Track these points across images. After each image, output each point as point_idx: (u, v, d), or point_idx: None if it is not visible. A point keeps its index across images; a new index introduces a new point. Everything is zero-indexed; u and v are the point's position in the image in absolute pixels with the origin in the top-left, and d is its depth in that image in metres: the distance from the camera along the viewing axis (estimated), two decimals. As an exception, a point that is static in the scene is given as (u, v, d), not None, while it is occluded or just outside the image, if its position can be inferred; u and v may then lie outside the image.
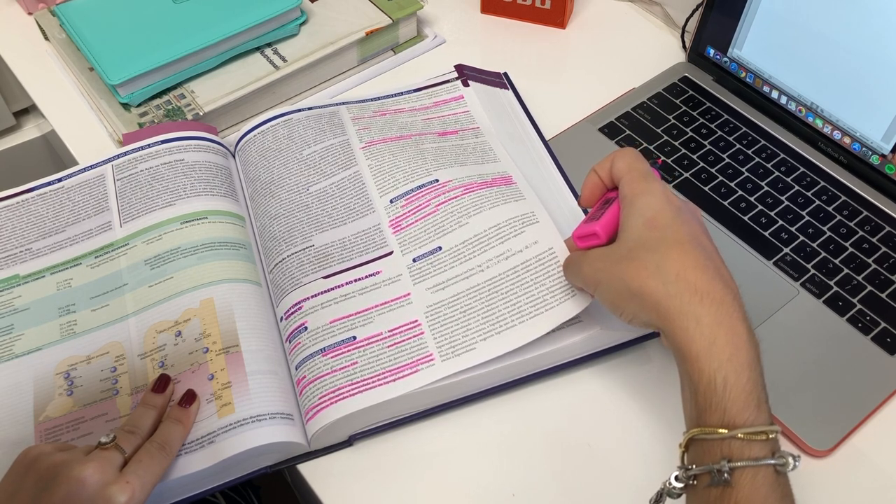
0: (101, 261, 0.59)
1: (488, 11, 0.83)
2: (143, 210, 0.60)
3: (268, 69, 0.72)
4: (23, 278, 0.59)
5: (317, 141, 0.65)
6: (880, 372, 0.55)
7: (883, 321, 0.57)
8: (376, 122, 0.66)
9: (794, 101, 0.68)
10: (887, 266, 0.60)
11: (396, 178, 0.61)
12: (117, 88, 0.68)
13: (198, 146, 0.64)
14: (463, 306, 0.54)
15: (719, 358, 0.41)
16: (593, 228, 0.49)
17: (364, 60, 0.77)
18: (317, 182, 0.62)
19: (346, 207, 0.60)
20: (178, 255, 0.57)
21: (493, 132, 0.66)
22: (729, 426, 0.40)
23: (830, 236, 0.62)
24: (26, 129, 0.91)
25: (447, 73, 0.72)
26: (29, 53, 0.79)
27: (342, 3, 0.78)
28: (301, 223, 0.60)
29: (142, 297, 0.56)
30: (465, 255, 0.56)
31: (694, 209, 0.49)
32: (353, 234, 0.59)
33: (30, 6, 0.82)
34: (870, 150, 0.64)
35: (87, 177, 0.64)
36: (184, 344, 0.53)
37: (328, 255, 0.58)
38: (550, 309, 0.52)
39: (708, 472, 0.40)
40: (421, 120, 0.67)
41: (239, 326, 0.53)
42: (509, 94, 0.72)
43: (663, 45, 0.79)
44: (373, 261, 0.57)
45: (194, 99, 0.70)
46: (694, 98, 0.72)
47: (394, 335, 0.53)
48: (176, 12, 0.73)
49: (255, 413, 0.49)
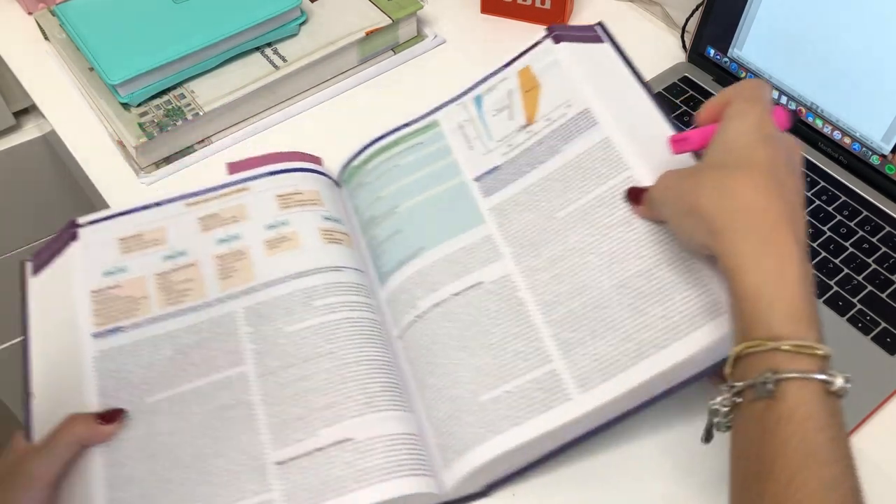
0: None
1: (488, 11, 0.83)
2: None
3: (268, 69, 0.72)
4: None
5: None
6: (880, 372, 0.55)
7: (883, 321, 0.57)
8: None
9: (794, 101, 0.68)
10: (887, 266, 0.60)
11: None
12: (117, 88, 0.68)
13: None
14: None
15: (767, 271, 0.40)
16: (687, 133, 0.48)
17: (364, 60, 0.77)
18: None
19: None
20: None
21: (609, 119, 0.55)
22: (774, 339, 0.39)
23: (830, 236, 0.62)
24: (26, 129, 0.91)
25: (537, 37, 0.63)
26: (29, 53, 0.79)
27: (342, 3, 0.78)
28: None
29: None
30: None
31: (790, 145, 0.46)
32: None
33: (30, 6, 0.82)
34: (870, 150, 0.64)
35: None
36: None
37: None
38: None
39: (752, 386, 0.38)
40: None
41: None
42: (607, 48, 0.61)
43: (663, 45, 0.79)
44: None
45: (194, 99, 0.70)
46: (694, 98, 0.72)
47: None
48: (176, 12, 0.73)
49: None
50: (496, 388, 0.49)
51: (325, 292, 0.55)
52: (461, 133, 0.61)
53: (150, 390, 0.51)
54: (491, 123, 0.60)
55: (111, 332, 0.53)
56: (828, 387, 0.38)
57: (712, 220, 0.42)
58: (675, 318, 0.47)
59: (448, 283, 0.54)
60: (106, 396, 0.50)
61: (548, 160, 0.56)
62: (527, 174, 0.56)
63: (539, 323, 0.50)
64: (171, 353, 0.52)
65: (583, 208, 0.53)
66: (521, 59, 0.62)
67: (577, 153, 0.55)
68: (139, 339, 0.53)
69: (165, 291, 0.55)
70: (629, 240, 0.50)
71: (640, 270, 0.49)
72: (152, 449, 0.49)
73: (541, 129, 0.58)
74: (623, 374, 0.47)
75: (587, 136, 0.55)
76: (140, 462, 0.48)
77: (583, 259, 0.51)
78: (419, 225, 0.58)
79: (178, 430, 0.49)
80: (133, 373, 0.51)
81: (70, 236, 0.59)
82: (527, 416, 0.47)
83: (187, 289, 0.55)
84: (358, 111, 0.75)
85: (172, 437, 0.49)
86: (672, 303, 0.48)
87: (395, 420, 0.50)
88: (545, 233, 0.53)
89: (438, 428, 0.50)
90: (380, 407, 0.50)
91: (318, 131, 0.73)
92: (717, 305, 0.46)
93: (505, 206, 0.56)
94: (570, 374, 0.48)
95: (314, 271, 0.56)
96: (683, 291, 0.48)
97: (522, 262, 0.53)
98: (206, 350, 0.52)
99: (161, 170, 0.70)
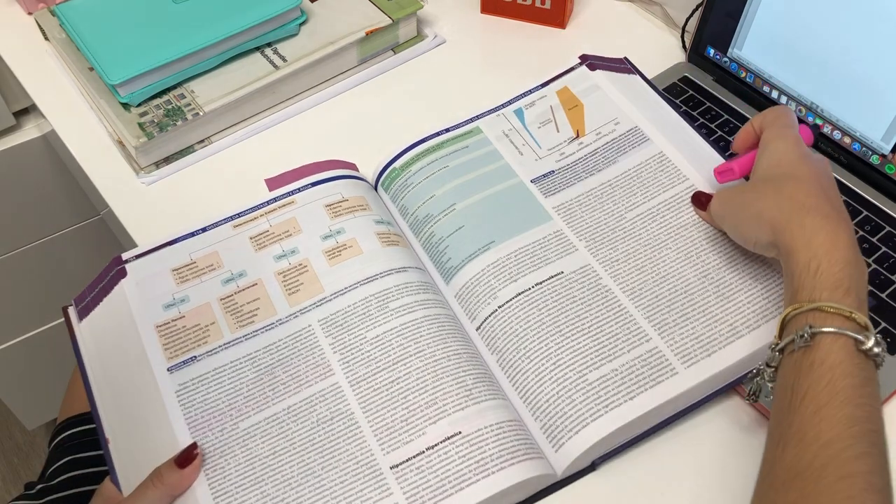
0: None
1: (488, 11, 0.83)
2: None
3: (268, 69, 0.72)
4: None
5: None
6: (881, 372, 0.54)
7: (883, 321, 0.57)
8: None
9: (794, 101, 0.68)
10: (887, 266, 0.60)
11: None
12: (117, 88, 0.68)
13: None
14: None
15: (816, 249, 0.46)
16: (731, 165, 0.57)
17: (364, 60, 0.77)
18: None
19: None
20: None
21: (659, 136, 0.64)
22: (815, 301, 0.44)
23: (830, 236, 0.62)
24: (26, 129, 0.91)
25: (571, 63, 0.70)
26: (29, 53, 0.79)
27: (342, 3, 0.78)
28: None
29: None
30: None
31: (823, 161, 0.54)
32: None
33: (30, 6, 0.82)
34: (870, 150, 0.64)
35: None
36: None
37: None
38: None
39: (792, 340, 0.44)
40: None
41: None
42: (638, 79, 0.69)
43: (663, 45, 0.79)
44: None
45: (194, 99, 0.70)
46: (694, 98, 0.72)
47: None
48: (176, 12, 0.73)
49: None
50: (602, 367, 0.52)
51: (398, 294, 0.55)
52: (508, 140, 0.66)
53: (240, 415, 0.50)
54: (536, 134, 0.66)
55: (186, 364, 0.53)
56: (859, 345, 0.43)
57: (775, 219, 0.49)
58: (760, 303, 0.54)
59: (528, 274, 0.56)
60: (196, 429, 0.50)
61: (605, 168, 0.63)
62: (585, 179, 0.62)
63: (629, 307, 0.55)
64: (253, 374, 0.52)
65: (651, 211, 0.60)
66: (557, 81, 0.69)
67: (635, 164, 0.63)
68: (217, 365, 0.53)
69: (233, 314, 0.55)
70: (701, 238, 0.58)
71: (719, 263, 0.56)
72: (257, 474, 0.48)
73: (591, 141, 0.65)
74: (723, 351, 0.52)
75: (641, 150, 0.63)
76: (248, 489, 0.48)
77: (660, 253, 0.57)
78: (483, 221, 0.60)
79: (280, 450, 0.49)
80: (219, 400, 0.51)
81: (118, 274, 0.57)
82: (639, 391, 0.51)
83: (255, 309, 0.55)
84: (358, 111, 0.75)
85: (276, 457, 0.49)
86: (754, 291, 0.55)
87: (496, 409, 0.51)
88: (617, 230, 0.59)
89: (543, 410, 0.51)
90: (479, 398, 0.51)
91: (318, 131, 0.73)
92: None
93: (570, 206, 0.61)
94: (672, 351, 0.52)
95: (382, 275, 0.56)
96: (763, 281, 0.55)
97: (600, 255, 0.57)
98: (291, 367, 0.52)
99: (161, 170, 0.70)
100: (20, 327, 1.12)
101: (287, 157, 0.69)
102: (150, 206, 0.68)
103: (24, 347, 1.13)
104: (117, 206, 0.68)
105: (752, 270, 0.56)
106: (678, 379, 0.51)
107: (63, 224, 1.03)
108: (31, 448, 1.40)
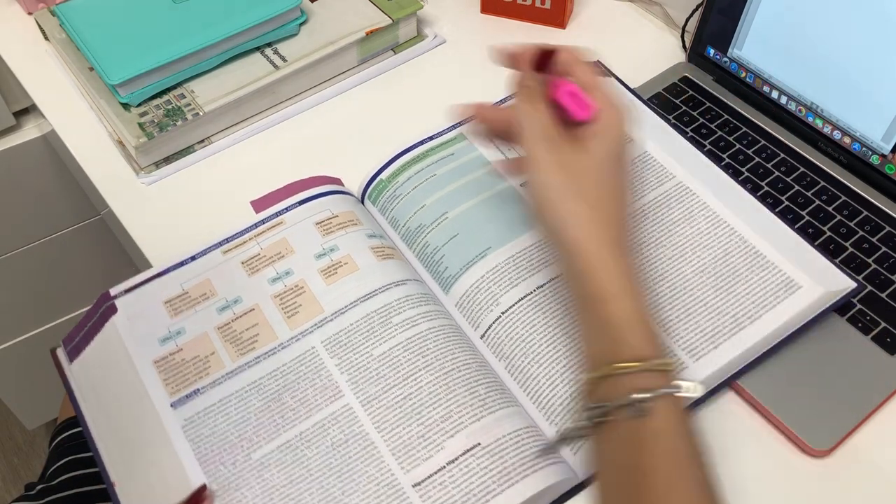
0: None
1: (488, 11, 0.83)
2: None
3: (268, 69, 0.72)
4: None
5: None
6: (880, 372, 0.55)
7: (883, 321, 0.57)
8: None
9: (794, 101, 0.68)
10: (887, 266, 0.60)
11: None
12: (117, 88, 0.68)
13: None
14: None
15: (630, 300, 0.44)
16: (593, 105, 0.50)
17: (364, 60, 0.77)
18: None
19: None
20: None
21: (642, 136, 0.64)
22: (639, 360, 0.42)
23: (830, 236, 0.62)
24: (26, 129, 0.91)
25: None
26: (29, 53, 0.79)
27: (342, 3, 0.78)
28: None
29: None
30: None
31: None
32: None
33: (30, 6, 0.82)
34: (870, 150, 0.64)
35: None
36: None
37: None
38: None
39: (623, 406, 0.41)
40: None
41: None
42: (614, 81, 0.68)
43: (663, 45, 0.79)
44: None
45: (194, 99, 0.70)
46: (694, 98, 0.72)
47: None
48: (176, 12, 0.73)
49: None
50: None
51: (399, 308, 0.55)
52: (493, 145, 0.65)
53: (252, 446, 0.49)
54: None
55: (190, 398, 0.51)
56: (686, 397, 0.42)
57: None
58: (759, 294, 0.56)
59: (529, 277, 0.57)
60: (208, 464, 0.48)
61: None
62: None
63: None
64: (260, 402, 0.51)
65: (642, 209, 0.60)
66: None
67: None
68: (222, 396, 0.51)
69: (233, 343, 0.54)
70: (692, 233, 0.59)
71: (714, 257, 0.58)
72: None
73: None
74: (727, 343, 0.54)
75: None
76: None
77: (657, 251, 0.58)
78: (477, 228, 0.60)
79: (297, 478, 0.48)
80: (228, 432, 0.50)
81: (109, 310, 0.55)
82: None
83: (255, 335, 0.54)
84: (358, 111, 0.75)
85: (293, 486, 0.48)
86: (751, 282, 0.56)
87: (512, 417, 0.50)
88: None
89: (558, 414, 0.51)
90: (493, 407, 0.50)
91: (318, 131, 0.73)
92: (789, 283, 0.56)
93: None
94: (678, 346, 0.53)
95: (382, 289, 0.55)
96: (758, 273, 0.57)
97: None
98: (298, 391, 0.51)
99: (161, 170, 0.70)
100: (20, 327, 1.12)
101: (287, 157, 0.69)
102: (151, 206, 0.68)
103: (24, 347, 1.13)
104: (117, 207, 0.68)
105: (748, 261, 0.57)
106: (688, 374, 0.52)
107: (63, 224, 1.03)
108: (31, 448, 1.40)
